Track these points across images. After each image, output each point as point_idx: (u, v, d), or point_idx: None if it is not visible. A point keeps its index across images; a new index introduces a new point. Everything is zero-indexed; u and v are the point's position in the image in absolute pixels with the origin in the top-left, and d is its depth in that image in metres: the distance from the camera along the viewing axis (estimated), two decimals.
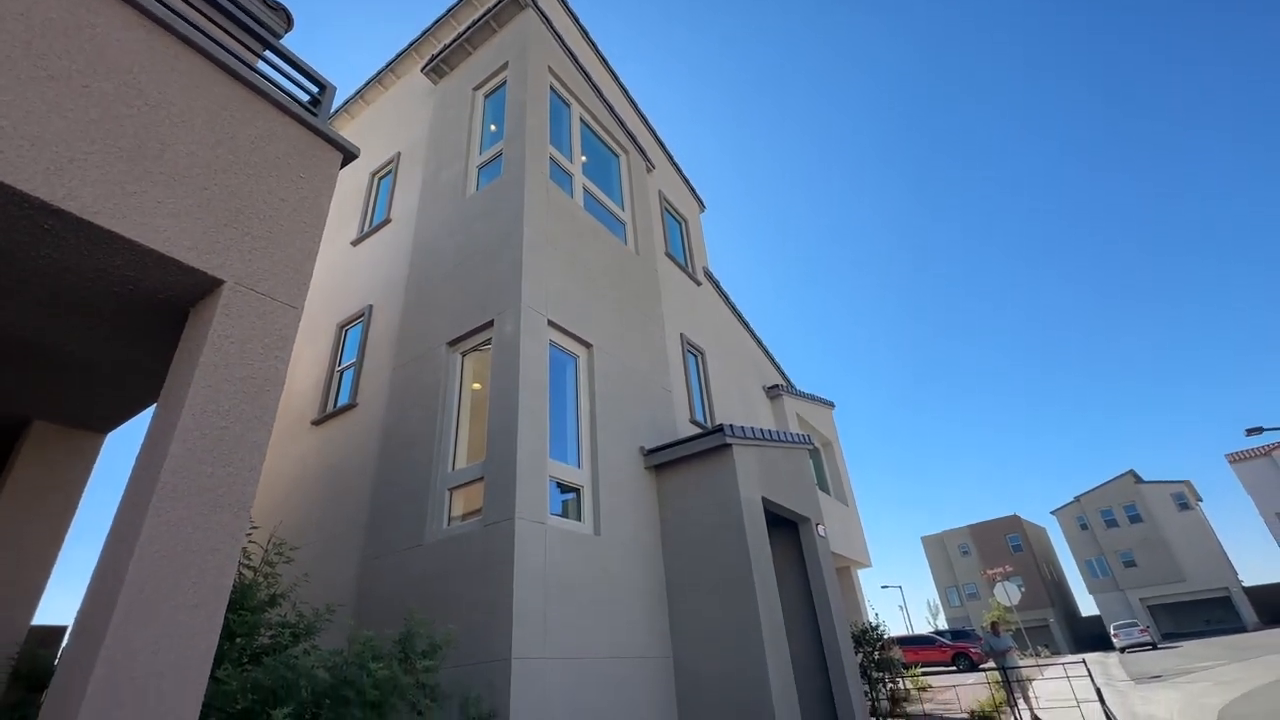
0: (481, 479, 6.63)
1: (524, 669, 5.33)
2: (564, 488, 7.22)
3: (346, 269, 11.16)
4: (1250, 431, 39.97)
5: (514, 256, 7.77)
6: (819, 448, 16.95)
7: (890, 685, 10.19)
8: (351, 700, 2.45)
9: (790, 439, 10.04)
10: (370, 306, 9.89)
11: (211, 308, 2.44)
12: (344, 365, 9.85)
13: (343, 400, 9.35)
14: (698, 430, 8.20)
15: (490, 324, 7.61)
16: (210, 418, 2.22)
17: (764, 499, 8.23)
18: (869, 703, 9.54)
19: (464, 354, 8.01)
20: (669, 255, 12.13)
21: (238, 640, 2.83)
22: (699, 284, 13.15)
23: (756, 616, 6.85)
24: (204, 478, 2.14)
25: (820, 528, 9.90)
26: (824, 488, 15.67)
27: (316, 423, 9.43)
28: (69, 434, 3.39)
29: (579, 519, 7.18)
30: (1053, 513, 55.63)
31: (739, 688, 6.64)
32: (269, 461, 9.91)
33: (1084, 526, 52.43)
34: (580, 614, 6.27)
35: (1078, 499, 53.49)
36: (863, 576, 17.76)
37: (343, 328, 10.33)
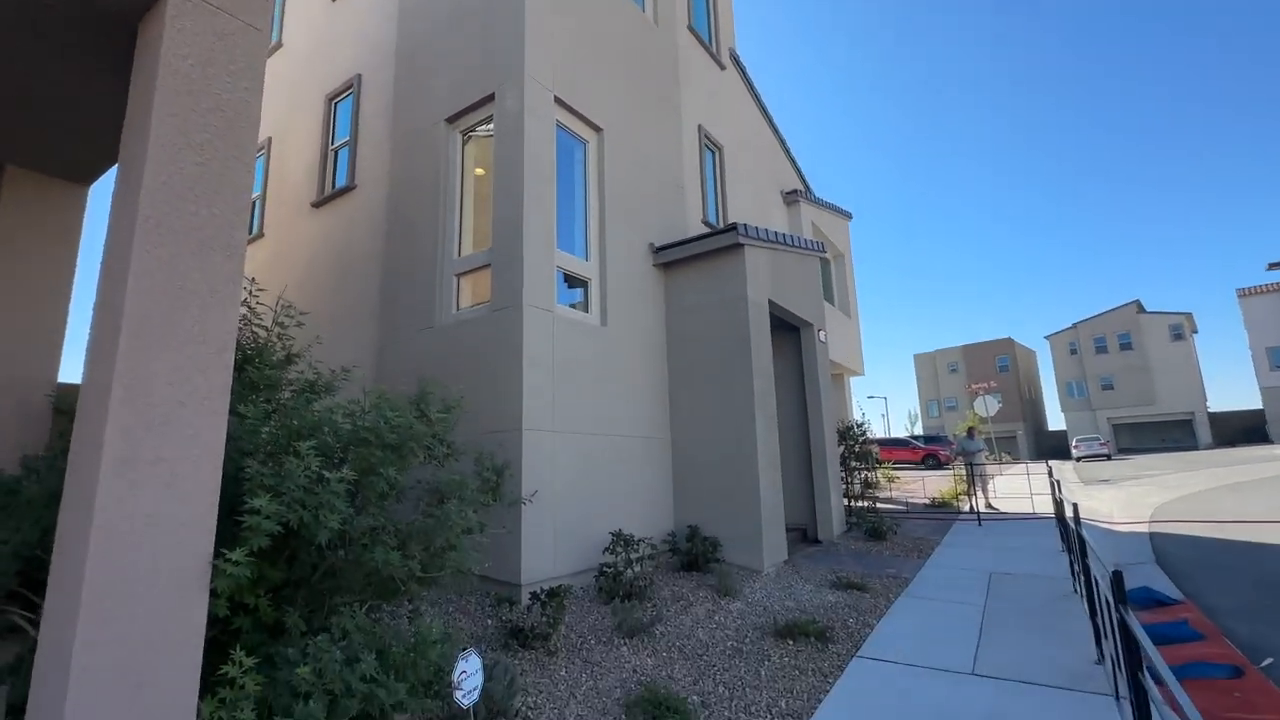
0: (488, 266, 6.56)
1: (533, 439, 5.79)
2: (572, 279, 7.17)
3: (330, 32, 9.89)
4: (1272, 265, 38.97)
5: (515, 20, 6.77)
6: (830, 259, 16.68)
7: (864, 474, 11.27)
8: (372, 442, 2.61)
9: (803, 244, 9.76)
10: (359, 76, 8.94)
11: (159, 21, 2.09)
12: (337, 144, 9.22)
13: (340, 182, 8.92)
14: (708, 231, 7.92)
15: (491, 98, 6.90)
16: (182, 152, 2.02)
17: (770, 301, 8.25)
18: (844, 485, 10.63)
19: (465, 135, 7.41)
20: (691, 29, 10.63)
21: (261, 391, 2.92)
22: (723, 68, 11.74)
23: (751, 406, 7.27)
24: (188, 216, 2.01)
25: (822, 334, 10.11)
26: (829, 298, 15.75)
27: (316, 205, 9.12)
28: (48, 183, 3.20)
29: (586, 310, 7.26)
30: (1047, 337, 57.13)
31: (730, 464, 7.30)
32: (273, 249, 9.82)
33: (1074, 351, 54.24)
34: (586, 396, 6.63)
35: (1075, 325, 54.54)
36: (853, 385, 18.72)
37: (332, 100, 9.47)
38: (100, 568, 1.68)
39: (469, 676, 3.29)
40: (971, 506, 11.62)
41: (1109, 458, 35.65)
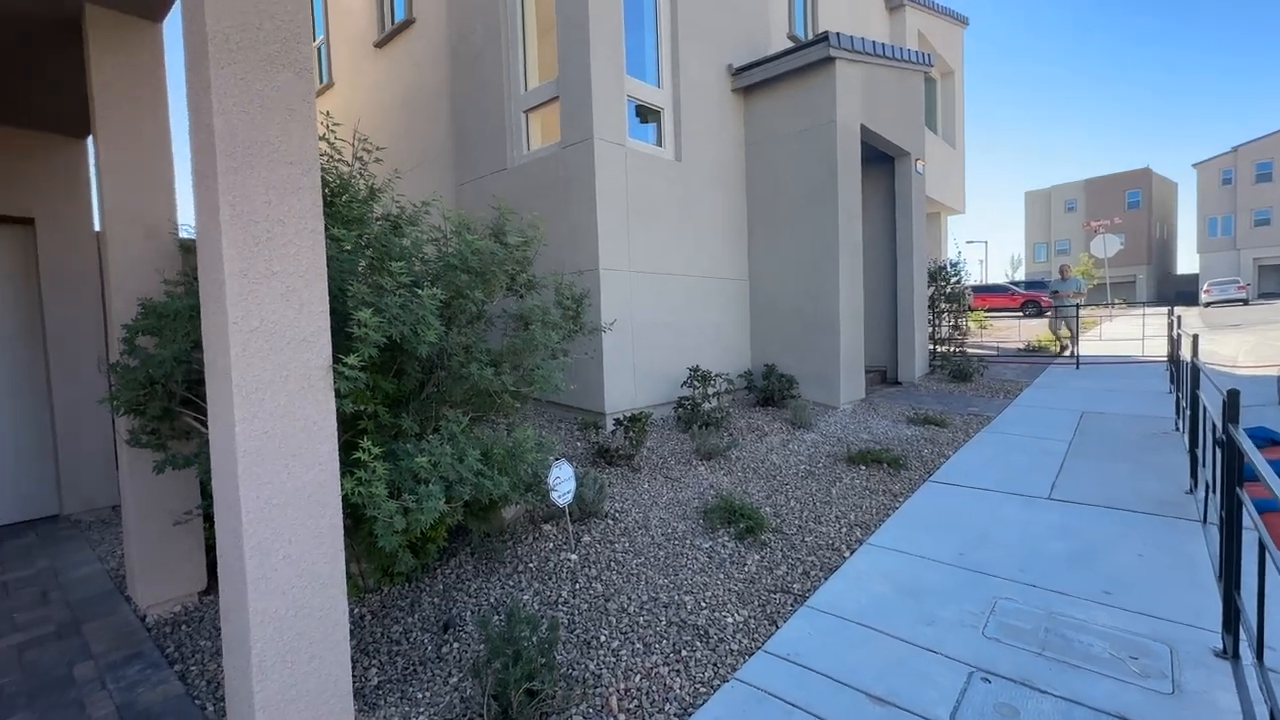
0: (556, 99, 6.23)
1: (611, 280, 5.86)
2: (643, 111, 6.72)
3: None
4: None
5: None
6: (936, 76, 14.57)
7: (955, 318, 10.74)
8: (458, 267, 2.72)
9: (906, 57, 8.51)
10: None
11: None
12: None
13: (399, 16, 8.48)
14: (794, 46, 7.01)
15: None
16: None
17: (863, 127, 7.44)
18: (930, 329, 10.25)
19: None
20: None
21: (351, 225, 3.04)
22: None
23: (835, 247, 6.91)
24: (252, 30, 1.98)
25: (919, 165, 9.15)
26: (931, 124, 14.02)
27: (379, 45, 8.80)
28: (123, 20, 3.23)
29: (659, 144, 6.88)
30: (1195, 165, 48.99)
31: (810, 306, 7.15)
32: (344, 95, 9.72)
33: (1227, 181, 46.48)
34: (661, 236, 6.52)
35: (1235, 149, 46.15)
36: (950, 225, 17.23)
37: None
38: (243, 367, 1.93)
39: (563, 481, 3.70)
40: (1069, 350, 10.96)
41: (1245, 302, 31.82)
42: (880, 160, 8.88)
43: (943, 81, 15.02)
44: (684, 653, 2.72)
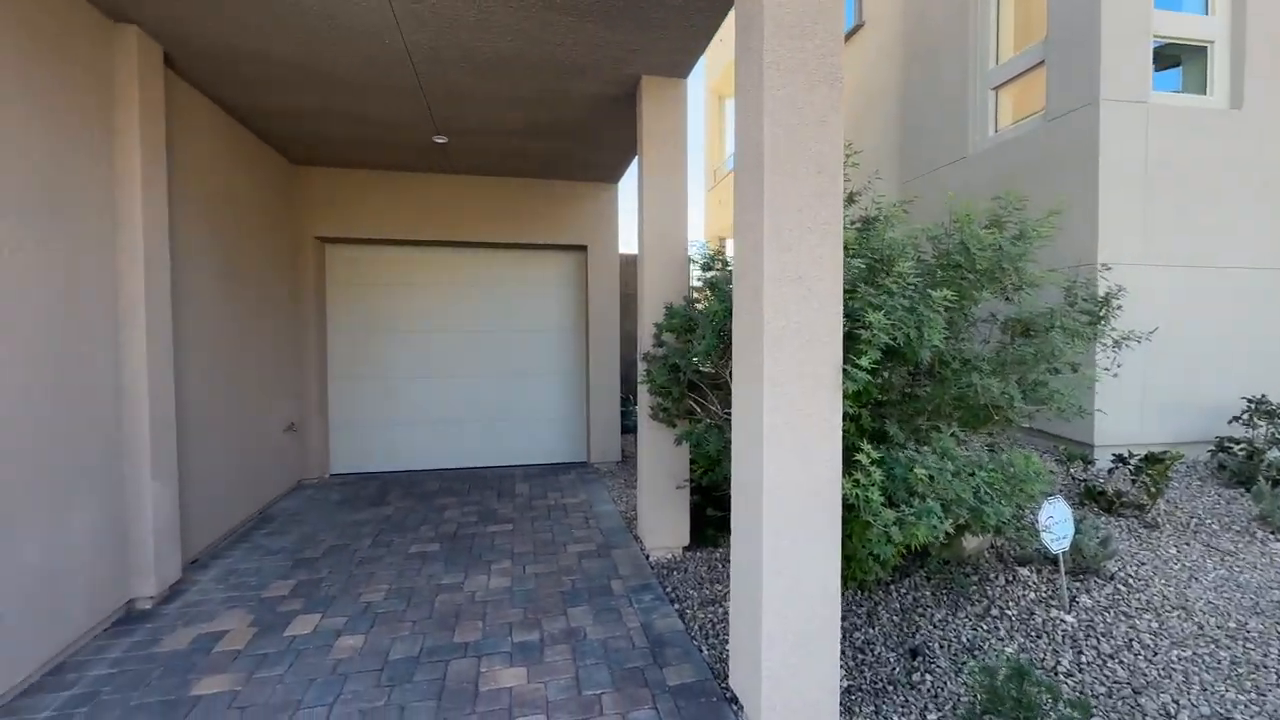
0: (1040, 64, 5.24)
1: (1116, 277, 4.60)
2: (1172, 53, 5.06)
3: None
4: None
5: None
6: None
7: None
8: (962, 265, 2.46)
9: None
10: None
11: None
12: None
13: (849, 23, 8.58)
14: None
15: None
16: None
17: None
18: None
19: None
20: None
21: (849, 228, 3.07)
22: None
23: None
24: (795, 52, 2.15)
25: None
26: None
27: None
28: (665, 82, 4.06)
29: (1203, 90, 5.07)
30: None
31: None
32: None
33: None
34: (1199, 215, 4.80)
35: None
36: None
37: None
38: (771, 362, 2.14)
39: (1057, 523, 3.03)
40: None
41: None
42: None
43: None
44: None
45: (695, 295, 3.90)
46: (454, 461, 6.60)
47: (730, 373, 3.14)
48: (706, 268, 3.69)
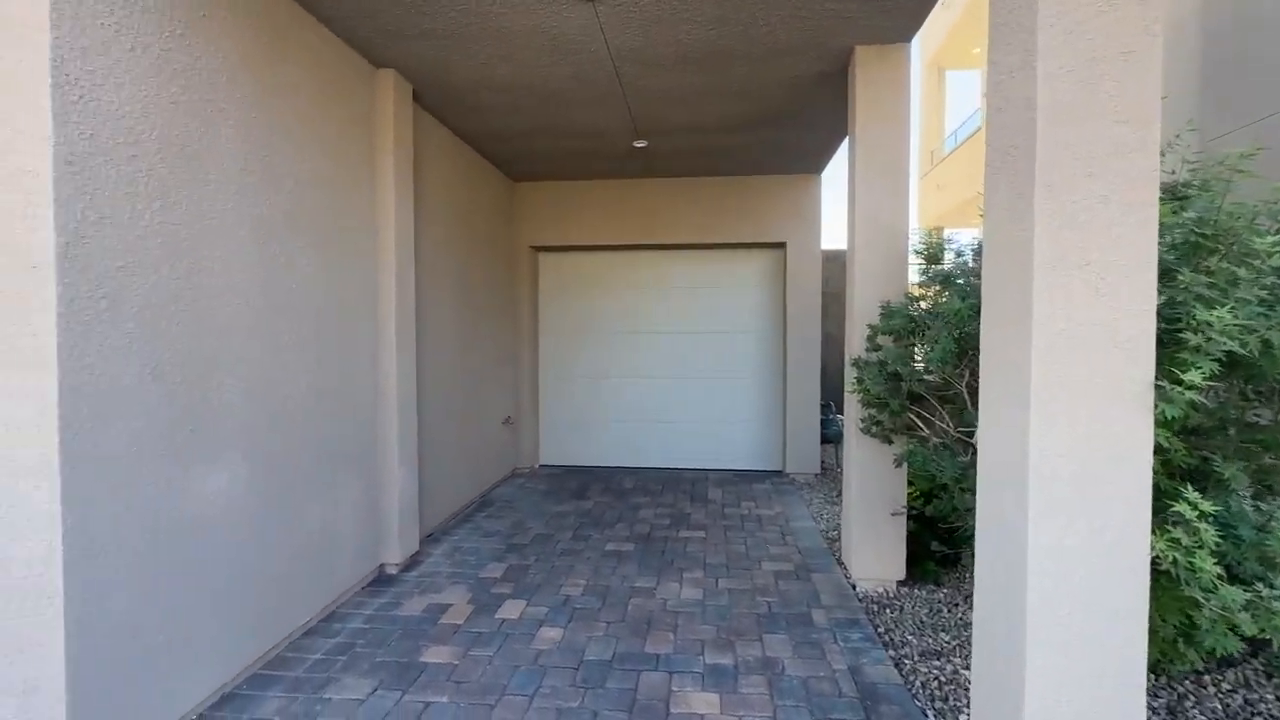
0: None
1: None
2: None
3: None
4: None
5: None
6: None
7: None
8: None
9: None
10: None
11: None
12: None
13: None
14: None
15: None
16: None
17: None
18: None
19: None
20: None
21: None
22: None
23: None
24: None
25: None
26: None
27: None
28: (883, 50, 3.57)
29: None
30: None
31: None
32: None
33: None
34: None
35: None
36: None
37: None
38: (1041, 373, 1.65)
39: None
40: None
41: None
42: None
43: None
44: None
45: (918, 292, 3.36)
46: (648, 461, 6.70)
47: (968, 384, 2.60)
48: (932, 259, 3.14)
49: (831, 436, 6.54)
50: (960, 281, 2.83)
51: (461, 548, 4.30)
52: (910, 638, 3.03)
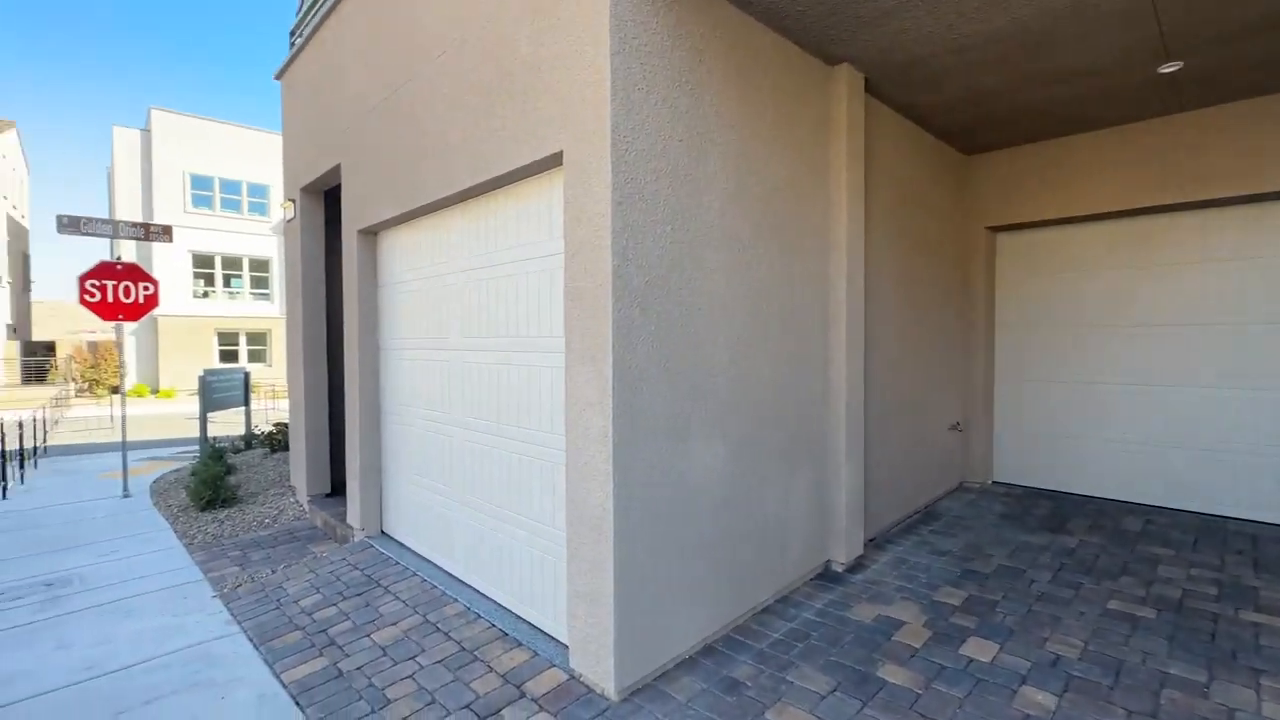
0: None
1: None
2: None
3: None
4: None
5: None
6: None
7: None
8: None
9: None
10: None
11: None
12: None
13: None
14: None
15: None
16: None
17: None
18: None
19: None
20: None
21: None
22: None
23: None
24: None
25: None
26: None
27: None
28: None
29: None
30: None
31: None
32: None
33: None
34: None
35: None
36: None
37: None
38: None
39: None
40: None
41: None
42: None
43: None
44: None
45: None
46: (1158, 497, 4.96)
47: None
48: None
49: None
50: None
51: (908, 561, 3.97)
52: None
